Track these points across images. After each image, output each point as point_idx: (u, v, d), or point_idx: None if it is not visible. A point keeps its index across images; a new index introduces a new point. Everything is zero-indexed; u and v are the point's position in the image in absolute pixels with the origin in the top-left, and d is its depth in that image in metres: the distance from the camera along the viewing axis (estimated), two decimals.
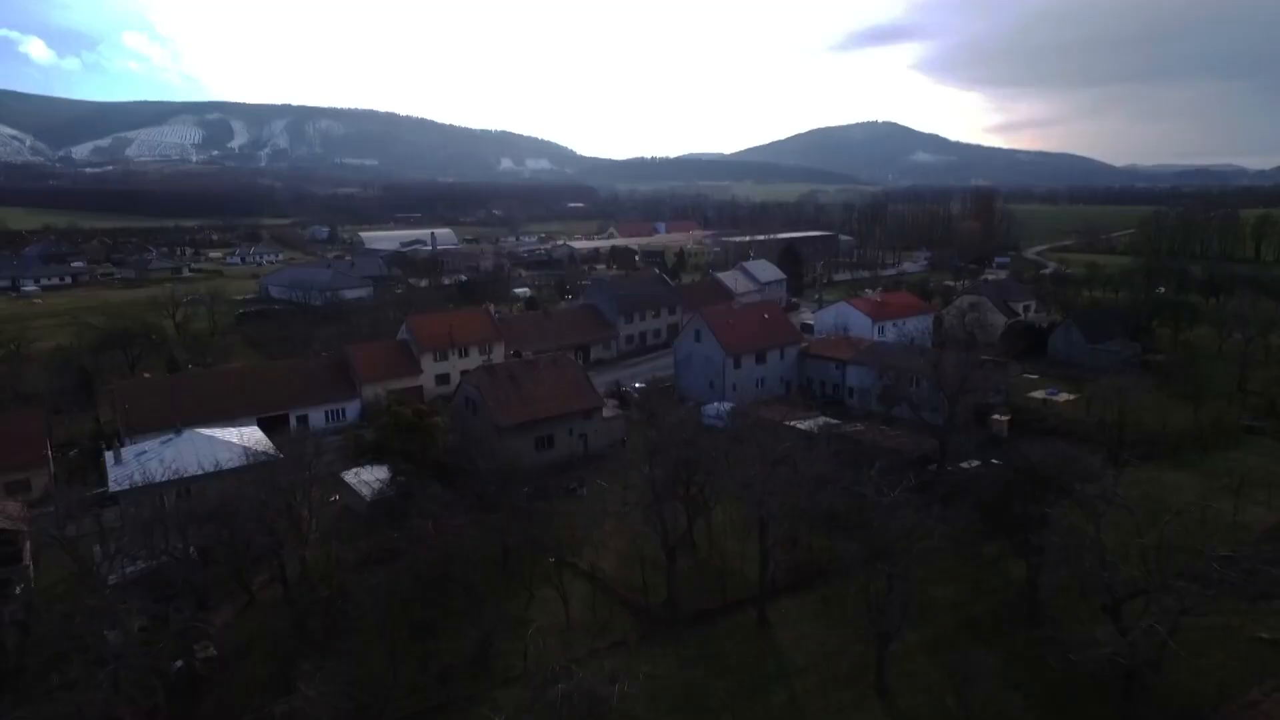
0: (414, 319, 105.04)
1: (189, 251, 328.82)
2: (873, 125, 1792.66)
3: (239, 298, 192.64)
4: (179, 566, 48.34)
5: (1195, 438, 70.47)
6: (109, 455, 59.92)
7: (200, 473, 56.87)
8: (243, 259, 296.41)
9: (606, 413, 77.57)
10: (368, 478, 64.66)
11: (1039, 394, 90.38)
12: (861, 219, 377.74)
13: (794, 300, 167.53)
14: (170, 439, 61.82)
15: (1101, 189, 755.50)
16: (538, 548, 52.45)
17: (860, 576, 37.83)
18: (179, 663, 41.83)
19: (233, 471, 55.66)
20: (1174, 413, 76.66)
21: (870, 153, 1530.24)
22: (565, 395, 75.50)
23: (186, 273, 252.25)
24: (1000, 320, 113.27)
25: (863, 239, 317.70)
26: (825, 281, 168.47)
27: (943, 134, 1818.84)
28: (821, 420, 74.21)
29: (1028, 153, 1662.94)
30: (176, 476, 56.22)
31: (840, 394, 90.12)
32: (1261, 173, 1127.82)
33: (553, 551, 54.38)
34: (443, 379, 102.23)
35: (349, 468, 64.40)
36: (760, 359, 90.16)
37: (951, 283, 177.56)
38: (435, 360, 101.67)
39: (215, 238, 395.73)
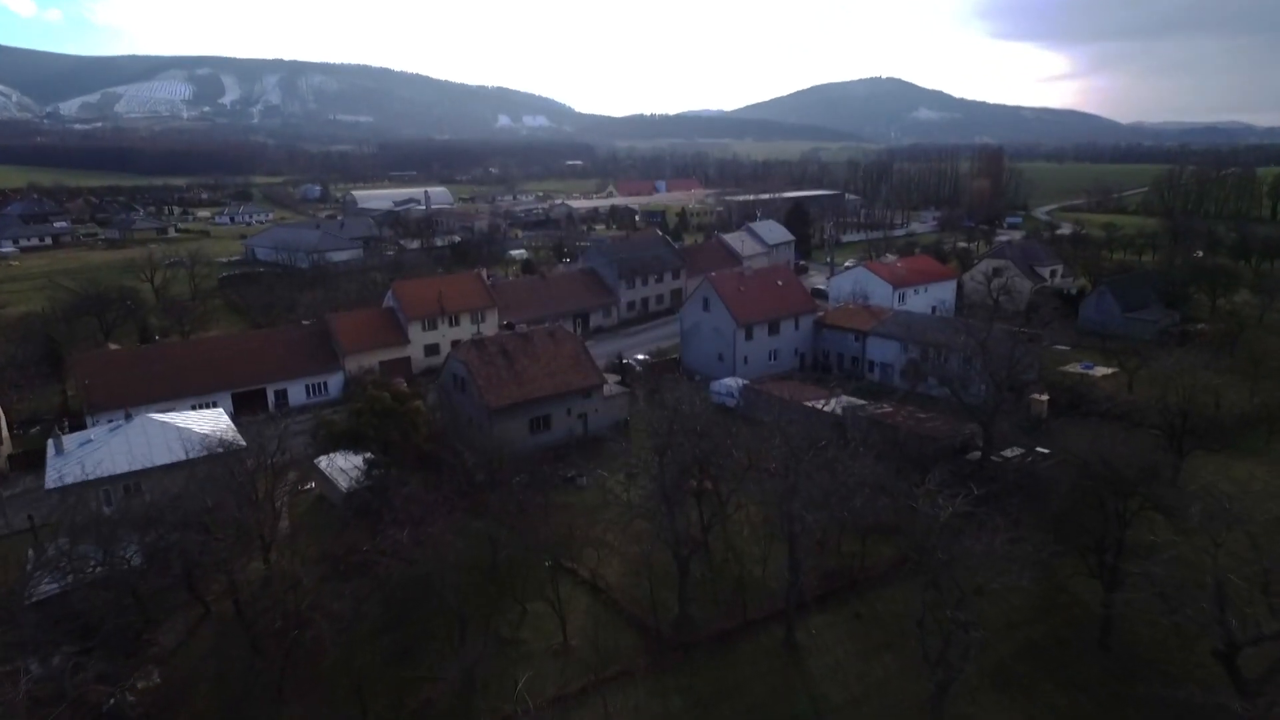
0: (400, 285, 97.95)
1: (176, 211, 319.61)
2: (876, 81, 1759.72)
3: (223, 260, 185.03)
4: (119, 579, 42.21)
5: (1261, 419, 63.92)
6: (50, 444, 53.44)
7: (150, 466, 50.60)
8: (232, 219, 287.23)
9: (608, 390, 71.06)
10: (345, 464, 58.40)
11: (1073, 368, 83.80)
12: (867, 177, 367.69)
13: (802, 263, 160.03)
14: (119, 425, 55.33)
15: (1109, 147, 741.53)
16: (532, 548, 46.44)
17: (919, 620, 31.41)
18: (111, 700, 35.82)
19: (189, 464, 49.26)
20: (1226, 390, 70.14)
21: (873, 109, 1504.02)
22: (563, 372, 68.89)
23: (172, 233, 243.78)
24: (1026, 286, 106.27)
25: (868, 198, 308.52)
26: (834, 242, 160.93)
27: (947, 90, 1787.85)
28: (844, 400, 67.70)
29: (1032, 109, 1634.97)
30: (117, 472, 49.90)
31: (859, 368, 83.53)
32: (1270, 130, 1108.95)
33: (549, 552, 48.42)
34: (432, 350, 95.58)
35: (323, 454, 58.00)
36: (773, 329, 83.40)
37: (965, 244, 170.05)
38: (424, 330, 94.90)
39: (205, 196, 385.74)
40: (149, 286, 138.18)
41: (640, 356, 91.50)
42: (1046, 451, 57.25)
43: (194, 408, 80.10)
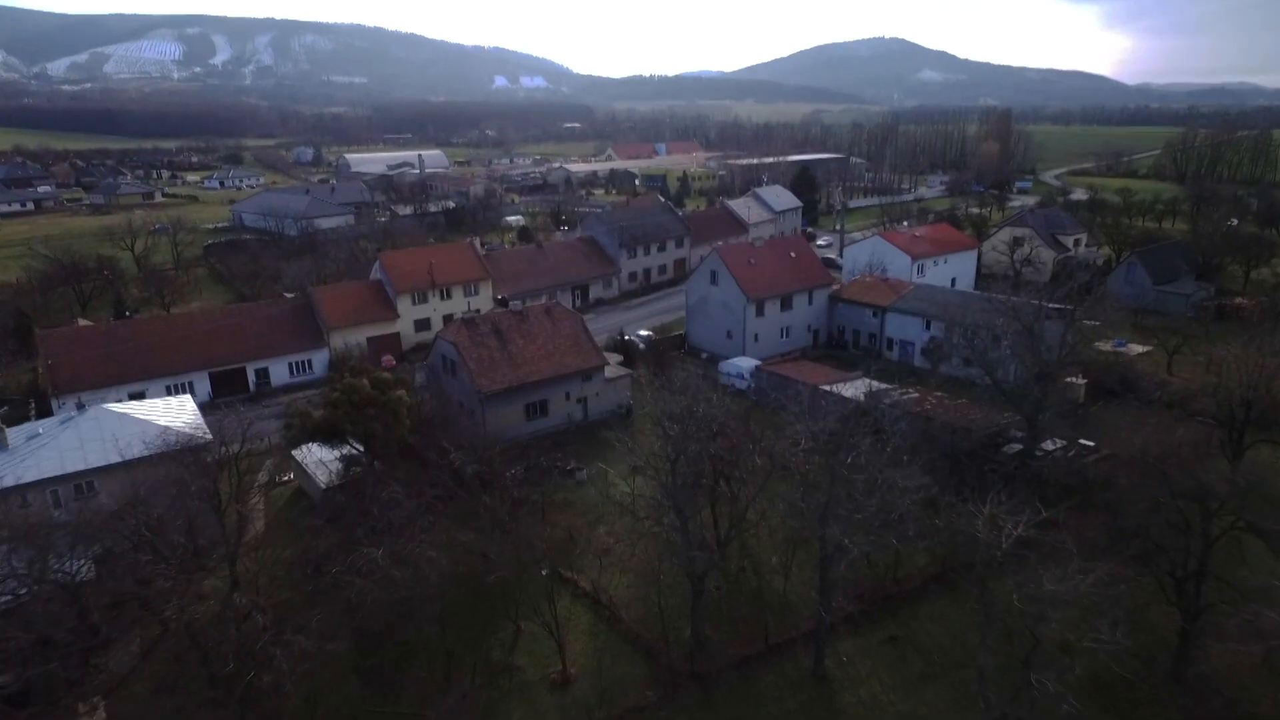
0: (388, 256, 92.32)
1: (165, 175, 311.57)
2: (880, 41, 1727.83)
3: (210, 226, 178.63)
4: (65, 594, 37.54)
5: None
6: None
7: (106, 464, 45.69)
8: (221, 183, 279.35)
9: (609, 373, 66.00)
10: (325, 456, 53.56)
11: (1104, 345, 78.68)
12: (871, 140, 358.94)
13: (810, 230, 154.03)
14: (70, 417, 50.21)
15: (1116, 109, 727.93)
16: (527, 559, 41.79)
17: (979, 672, 26.64)
18: None
19: (148, 460, 44.31)
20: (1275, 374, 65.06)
21: (876, 71, 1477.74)
22: (561, 353, 63.77)
23: (159, 198, 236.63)
24: (1049, 256, 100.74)
25: (873, 162, 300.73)
26: (842, 208, 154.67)
27: (952, 51, 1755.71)
28: (867, 384, 62.62)
29: (1038, 70, 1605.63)
30: (68, 471, 45.02)
31: (877, 346, 78.36)
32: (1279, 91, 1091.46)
33: (546, 558, 43.77)
34: (423, 325, 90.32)
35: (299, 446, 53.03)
36: (786, 304, 78.06)
37: (977, 209, 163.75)
38: (414, 304, 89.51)
39: (195, 160, 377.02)
40: (130, 255, 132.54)
41: (643, 333, 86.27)
42: (1091, 444, 52.48)
43: (169, 389, 75.60)
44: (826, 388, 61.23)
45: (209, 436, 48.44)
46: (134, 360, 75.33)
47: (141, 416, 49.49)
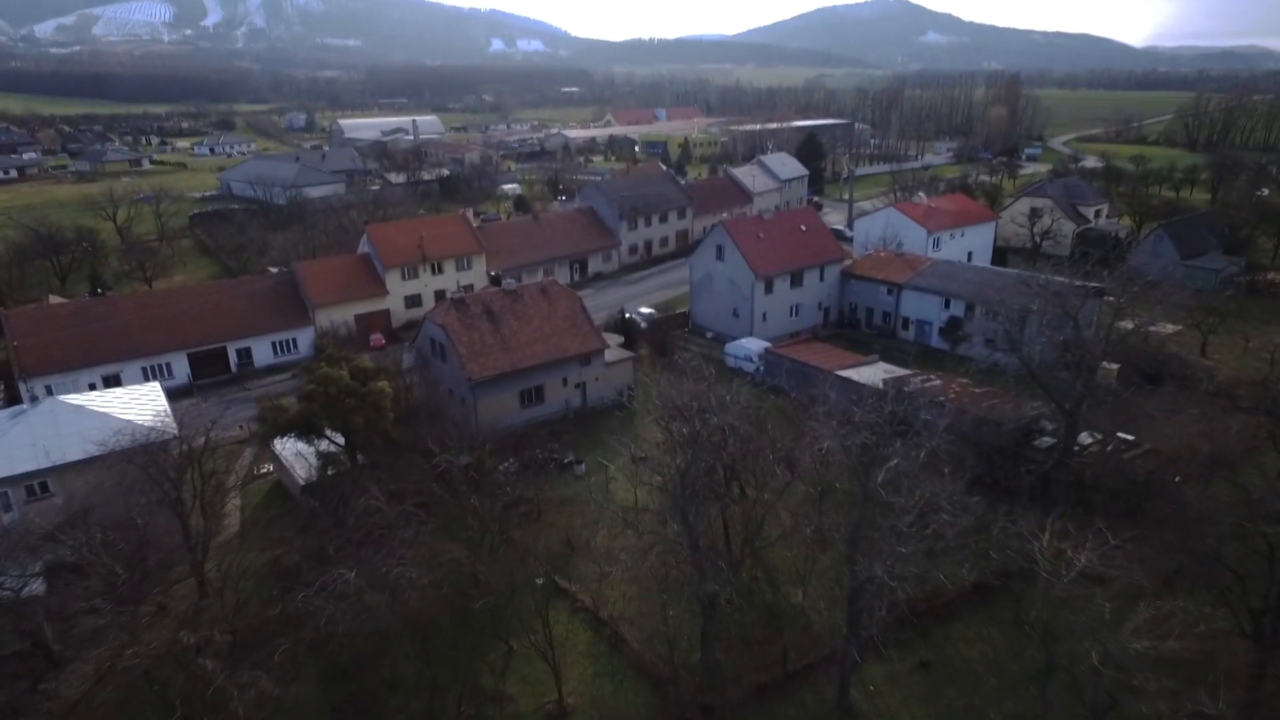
0: (376, 229, 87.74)
1: (154, 141, 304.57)
2: (883, 3, 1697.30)
3: (197, 195, 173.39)
4: (12, 610, 33.96)
5: None
6: None
7: (61, 463, 41.85)
8: (212, 149, 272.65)
9: (610, 356, 61.96)
10: (305, 449, 49.73)
11: (1129, 324, 74.46)
12: (876, 105, 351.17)
13: (816, 199, 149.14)
14: (22, 411, 46.25)
15: (1124, 73, 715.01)
16: (521, 568, 38.24)
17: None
18: None
19: (106, 459, 40.44)
20: None
21: (878, 33, 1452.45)
22: (558, 335, 59.69)
23: (147, 165, 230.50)
24: (1069, 228, 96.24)
25: (879, 128, 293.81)
26: (848, 176, 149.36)
27: (956, 13, 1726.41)
28: (883, 369, 58.76)
29: (1044, 33, 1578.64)
30: (18, 472, 41.17)
31: (891, 325, 74.25)
32: None
33: (540, 563, 40.20)
34: (413, 301, 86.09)
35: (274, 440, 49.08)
36: (796, 281, 73.80)
37: (987, 177, 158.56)
38: (404, 279, 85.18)
39: (185, 126, 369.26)
40: (111, 226, 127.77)
41: (645, 311, 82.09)
42: (1130, 438, 48.63)
43: (145, 371, 71.74)
44: (841, 373, 57.31)
45: (175, 431, 44.66)
46: (108, 340, 71.35)
47: (100, 409, 45.53)
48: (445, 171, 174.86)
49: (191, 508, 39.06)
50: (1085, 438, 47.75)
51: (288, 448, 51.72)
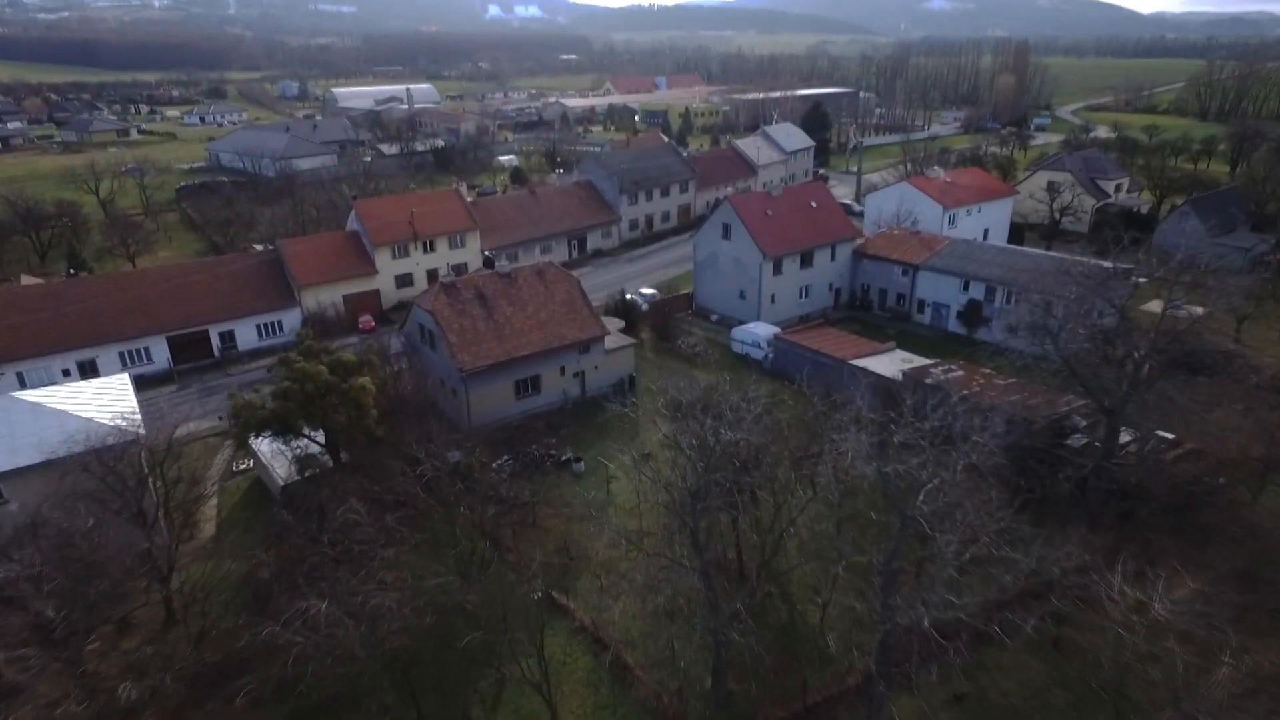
0: (364, 205, 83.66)
1: (143, 110, 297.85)
2: None
3: (185, 166, 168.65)
4: None
5: None
6: None
7: (12, 468, 38.41)
8: (202, 119, 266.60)
9: (610, 342, 58.42)
10: (286, 446, 46.38)
11: (1154, 306, 70.98)
12: (880, 74, 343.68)
13: (822, 172, 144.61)
14: None
15: (1131, 39, 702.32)
16: (516, 564, 35.18)
17: None
18: None
19: (62, 462, 37.09)
20: None
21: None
22: (555, 322, 56.11)
23: (135, 135, 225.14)
24: (1089, 204, 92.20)
25: (883, 97, 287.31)
26: (858, 147, 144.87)
27: None
28: (900, 357, 55.26)
29: None
30: None
31: (906, 308, 70.60)
32: None
33: (537, 576, 37.12)
34: (404, 281, 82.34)
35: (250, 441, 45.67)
36: (806, 261, 70.05)
37: (997, 148, 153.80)
38: (394, 257, 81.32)
39: (175, 94, 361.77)
40: (94, 200, 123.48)
41: (646, 291, 78.36)
42: (1170, 437, 45.28)
43: (123, 356, 68.35)
44: (857, 362, 53.88)
45: (140, 431, 41.29)
46: (82, 324, 67.83)
47: (57, 406, 42.02)
48: (440, 142, 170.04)
49: (155, 520, 35.74)
50: (1121, 436, 44.39)
51: (267, 444, 48.42)
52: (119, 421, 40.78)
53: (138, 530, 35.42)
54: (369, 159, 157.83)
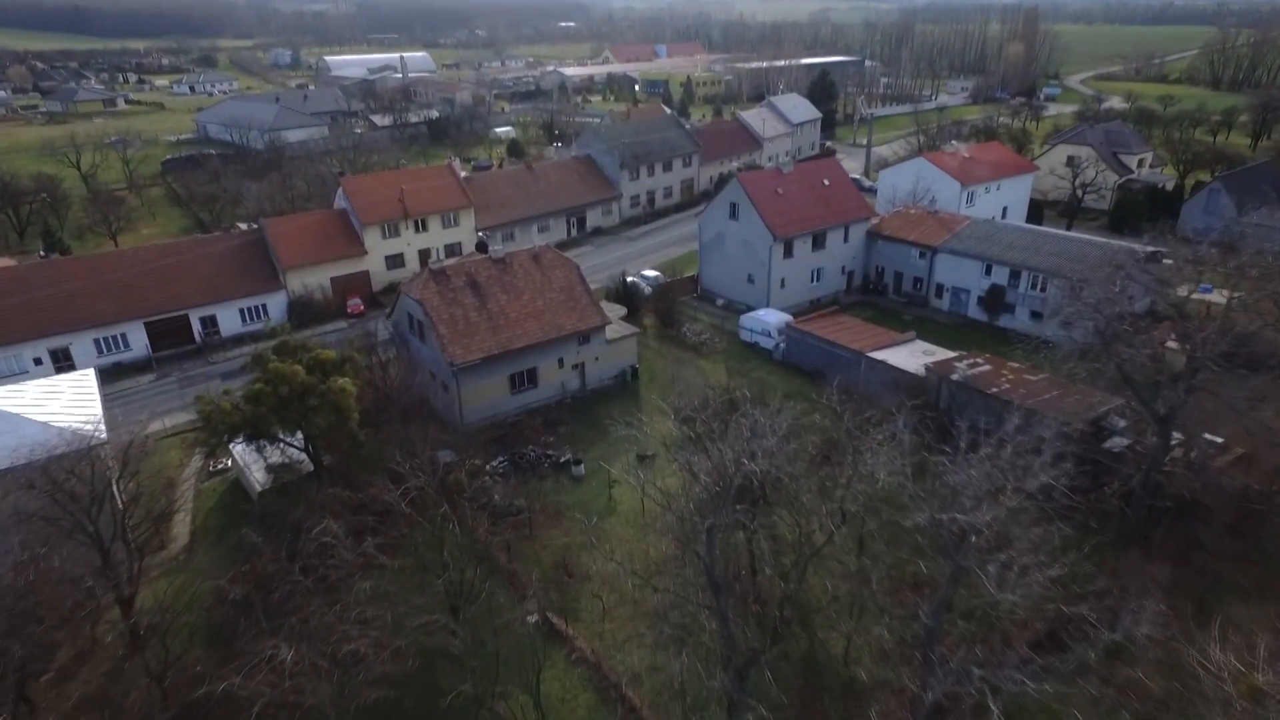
0: (352, 182, 79.60)
1: (132, 79, 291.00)
2: None
3: (172, 138, 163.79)
4: None
5: None
6: None
7: None
8: (191, 88, 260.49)
9: (611, 332, 54.90)
10: (257, 451, 42.93)
11: (1183, 291, 67.42)
12: (885, 41, 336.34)
13: (829, 144, 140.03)
14: None
15: (1140, 5, 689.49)
16: (510, 581, 32.03)
17: None
18: None
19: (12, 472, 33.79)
20: None
21: None
22: (553, 310, 52.55)
23: (122, 105, 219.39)
24: (1111, 180, 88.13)
25: (888, 65, 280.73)
26: (868, 119, 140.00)
27: None
28: (921, 349, 51.74)
29: None
30: None
31: (923, 292, 66.97)
32: None
33: (533, 595, 34.21)
34: (395, 261, 78.59)
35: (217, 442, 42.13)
36: (818, 243, 66.30)
37: (1008, 119, 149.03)
38: (384, 237, 77.48)
39: (165, 63, 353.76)
40: (76, 174, 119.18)
41: (649, 273, 74.65)
42: (1219, 440, 41.96)
43: (98, 343, 64.88)
44: (875, 355, 50.42)
45: (102, 435, 37.94)
46: (55, 309, 64.25)
47: (10, 409, 38.58)
48: (434, 113, 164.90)
49: (114, 539, 32.48)
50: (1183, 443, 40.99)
51: (243, 446, 45.09)
52: (79, 426, 37.45)
53: (93, 552, 32.22)
54: (360, 130, 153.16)
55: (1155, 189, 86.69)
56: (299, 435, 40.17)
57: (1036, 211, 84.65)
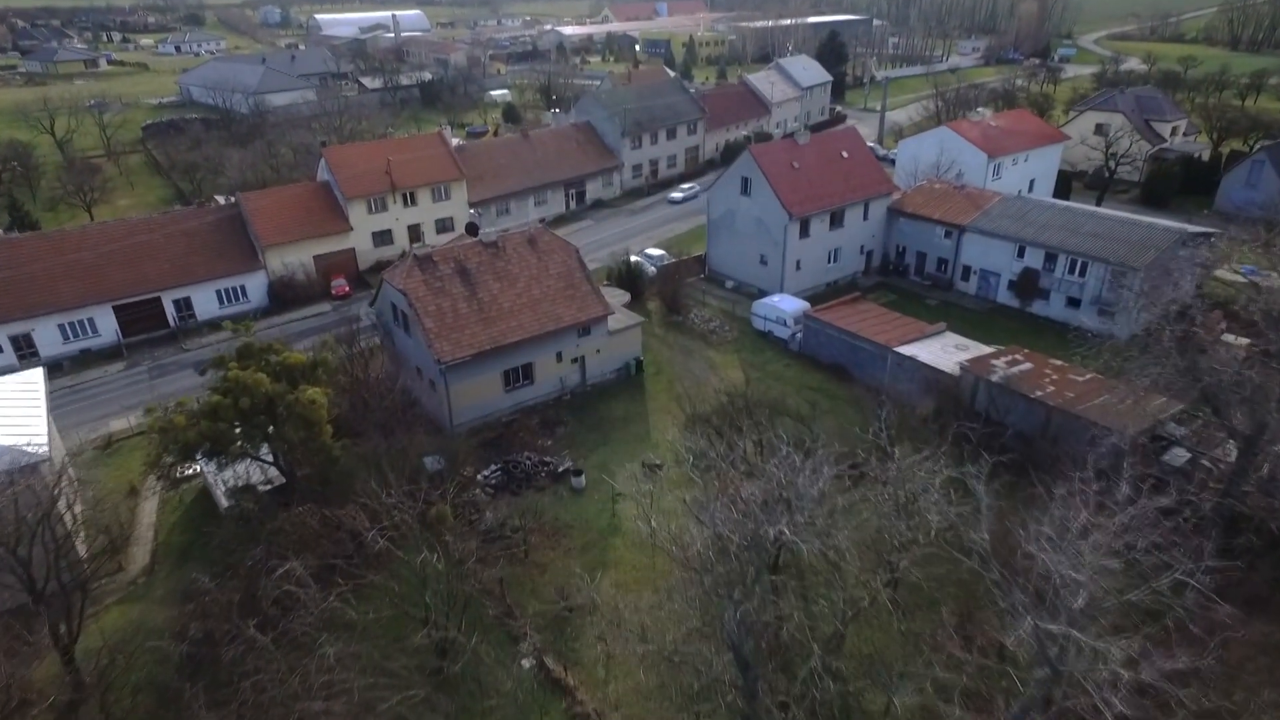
0: (335, 152, 74.34)
1: (115, 38, 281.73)
2: None
3: (154, 101, 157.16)
4: None
5: None
6: None
7: None
8: (177, 48, 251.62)
9: (614, 322, 50.39)
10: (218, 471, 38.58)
11: (1226, 272, 63.02)
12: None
13: (839, 109, 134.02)
14: None
15: None
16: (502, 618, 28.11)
17: None
18: None
19: None
20: None
21: None
22: (550, 300, 48.00)
23: (105, 65, 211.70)
24: (1143, 149, 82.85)
25: (896, 24, 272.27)
26: (878, 82, 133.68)
27: None
28: (954, 344, 47.27)
29: None
30: None
31: (949, 274, 62.30)
32: None
33: (527, 637, 30.41)
34: (383, 238, 73.89)
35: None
36: (836, 221, 61.48)
37: (1024, 82, 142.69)
38: (370, 211, 72.62)
39: (151, 20, 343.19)
40: (50, 140, 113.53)
41: (653, 252, 69.91)
42: None
43: (63, 328, 60.48)
44: (903, 350, 46.03)
45: (44, 451, 33.72)
46: (15, 292, 59.83)
47: None
48: (427, 75, 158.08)
49: (47, 580, 28.40)
50: (1224, 449, 36.80)
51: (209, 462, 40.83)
52: (15, 442, 33.19)
53: (23, 593, 28.24)
54: (352, 93, 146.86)
55: (1191, 159, 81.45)
56: (267, 448, 35.94)
57: (1064, 184, 79.60)
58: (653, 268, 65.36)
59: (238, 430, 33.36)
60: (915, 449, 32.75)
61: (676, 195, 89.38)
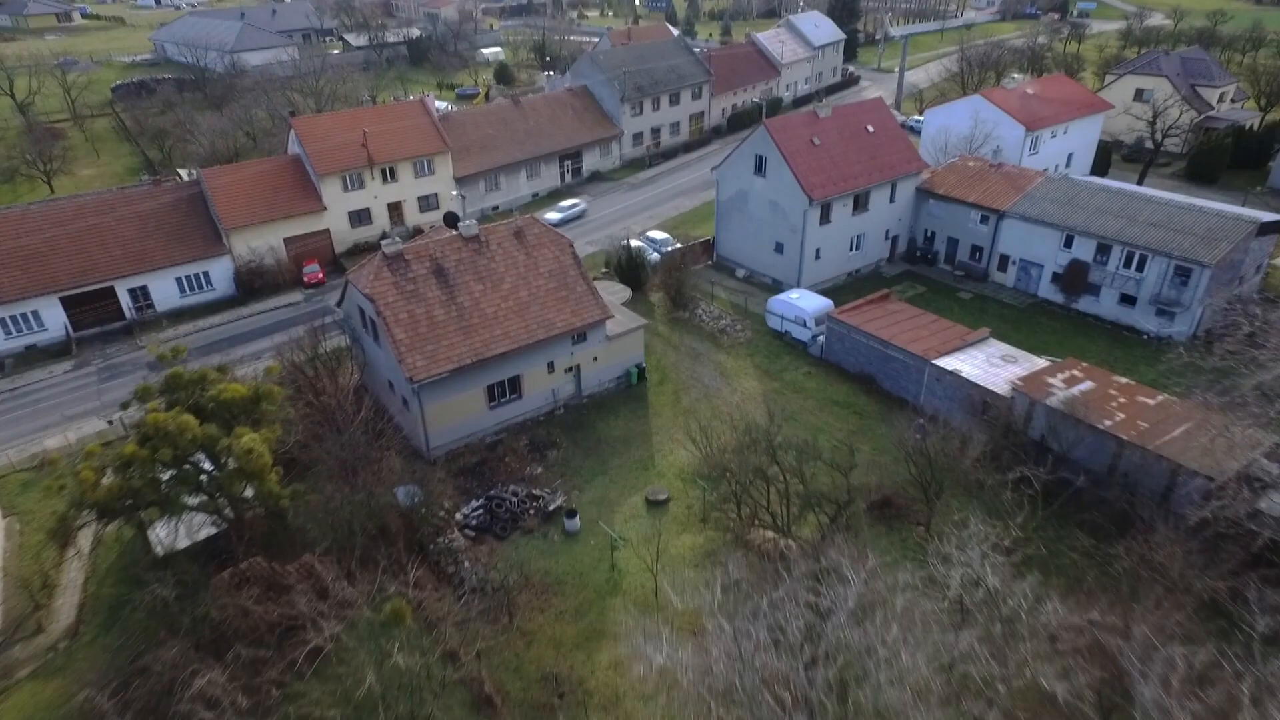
0: (304, 123, 67.47)
1: None
2: None
3: (126, 60, 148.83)
4: None
5: None
6: None
7: None
8: (157, 2, 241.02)
9: (613, 326, 44.44)
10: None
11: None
12: None
13: (852, 71, 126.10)
14: None
15: None
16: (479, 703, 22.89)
17: None
18: None
19: None
20: None
21: None
22: (540, 302, 42.02)
23: (79, 19, 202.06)
24: (1188, 118, 75.93)
25: None
26: (890, 38, 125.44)
27: None
28: (1000, 354, 41.36)
29: None
30: None
31: (984, 263, 56.12)
32: None
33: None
34: (361, 218, 67.56)
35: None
36: (860, 204, 55.18)
37: (1045, 39, 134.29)
38: (346, 189, 66.19)
39: None
40: (10, 103, 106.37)
41: (656, 235, 63.59)
42: None
43: (5, 323, 54.61)
44: (942, 363, 40.17)
45: None
46: None
47: None
48: (415, 32, 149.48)
49: None
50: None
51: None
52: None
53: None
54: (337, 51, 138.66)
55: (1241, 130, 74.62)
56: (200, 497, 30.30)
57: (1103, 158, 72.91)
58: (655, 253, 59.19)
59: (166, 479, 27.72)
60: (966, 501, 27.23)
61: (554, 216, 69.97)
